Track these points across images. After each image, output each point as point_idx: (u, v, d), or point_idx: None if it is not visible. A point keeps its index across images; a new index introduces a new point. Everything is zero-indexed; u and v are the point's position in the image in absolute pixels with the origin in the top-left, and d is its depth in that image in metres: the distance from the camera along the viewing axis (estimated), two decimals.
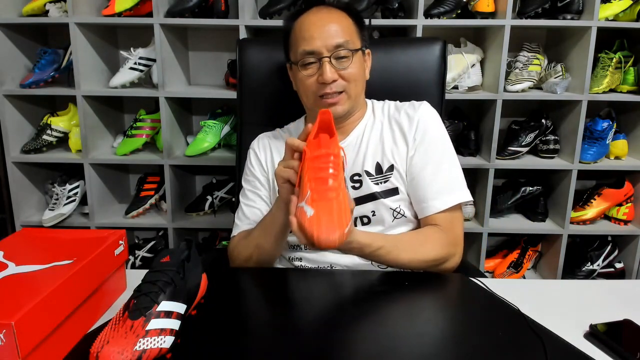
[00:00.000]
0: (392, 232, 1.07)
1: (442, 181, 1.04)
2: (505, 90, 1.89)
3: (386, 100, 1.16)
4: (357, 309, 0.85)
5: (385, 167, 1.07)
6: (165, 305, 0.71)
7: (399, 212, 1.07)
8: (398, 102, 1.14)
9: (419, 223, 1.10)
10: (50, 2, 1.87)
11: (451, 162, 1.07)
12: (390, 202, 1.06)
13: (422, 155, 1.05)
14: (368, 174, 1.07)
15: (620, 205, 2.06)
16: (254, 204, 1.14)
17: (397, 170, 1.06)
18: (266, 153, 1.16)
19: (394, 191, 1.07)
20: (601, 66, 1.94)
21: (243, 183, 1.19)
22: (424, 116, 1.07)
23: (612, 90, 1.95)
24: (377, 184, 1.06)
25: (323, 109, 0.90)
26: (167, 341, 0.69)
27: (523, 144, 1.97)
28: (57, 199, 2.03)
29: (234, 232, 1.15)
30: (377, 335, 0.76)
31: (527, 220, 2.10)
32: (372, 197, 1.06)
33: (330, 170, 0.80)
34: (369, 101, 1.16)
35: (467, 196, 1.05)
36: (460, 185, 1.06)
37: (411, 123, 1.07)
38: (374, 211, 1.06)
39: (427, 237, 1.02)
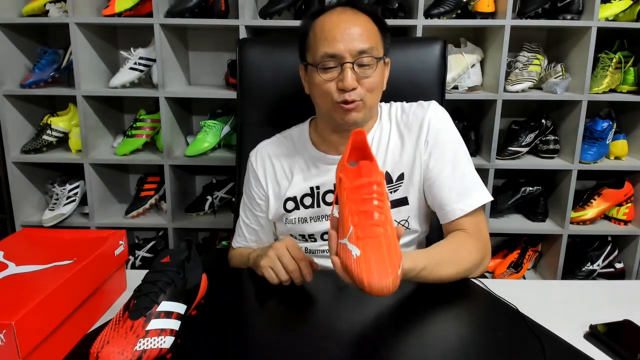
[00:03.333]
0: None
1: (461, 183, 1.00)
2: (505, 90, 1.89)
3: (392, 102, 1.11)
4: (357, 309, 0.85)
5: (395, 177, 1.04)
6: (165, 306, 0.71)
7: (403, 225, 1.05)
8: (405, 103, 1.10)
9: (421, 233, 1.09)
10: (50, 2, 1.87)
11: (467, 162, 1.03)
12: (397, 213, 1.04)
13: (438, 159, 1.01)
14: None
15: (620, 205, 2.06)
16: (251, 224, 1.15)
17: (408, 178, 1.03)
18: (265, 169, 1.11)
19: (402, 201, 1.04)
20: (601, 66, 1.94)
21: (244, 194, 1.17)
22: (434, 117, 1.03)
23: (612, 91, 1.95)
24: None
25: (357, 129, 0.85)
26: (167, 341, 0.69)
27: (523, 144, 1.97)
28: (57, 199, 2.03)
29: (233, 243, 1.19)
30: (376, 335, 0.76)
31: (527, 221, 2.10)
32: None
33: (375, 202, 0.73)
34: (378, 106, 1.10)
35: (488, 196, 1.01)
36: (479, 185, 1.02)
37: (422, 125, 1.03)
38: None
39: (460, 245, 0.96)
